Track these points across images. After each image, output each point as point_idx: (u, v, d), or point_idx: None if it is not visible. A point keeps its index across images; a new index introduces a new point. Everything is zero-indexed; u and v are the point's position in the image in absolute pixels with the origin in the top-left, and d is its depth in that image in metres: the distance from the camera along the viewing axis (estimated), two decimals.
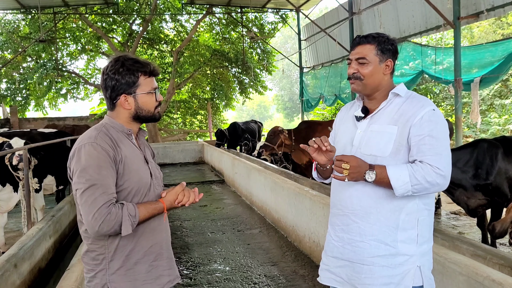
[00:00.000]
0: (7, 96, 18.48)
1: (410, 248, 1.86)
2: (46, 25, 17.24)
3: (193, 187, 7.17)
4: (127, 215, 1.66)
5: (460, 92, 8.50)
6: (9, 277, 3.37)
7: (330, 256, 2.04)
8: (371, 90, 1.98)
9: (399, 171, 1.79)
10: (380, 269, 1.87)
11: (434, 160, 1.78)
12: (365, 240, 1.89)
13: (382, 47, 1.94)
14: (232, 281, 4.18)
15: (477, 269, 2.37)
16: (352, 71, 1.97)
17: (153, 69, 1.87)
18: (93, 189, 1.64)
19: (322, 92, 16.05)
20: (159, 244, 1.87)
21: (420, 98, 1.93)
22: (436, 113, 1.86)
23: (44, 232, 4.49)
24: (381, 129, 1.91)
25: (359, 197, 1.91)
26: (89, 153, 1.69)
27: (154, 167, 1.93)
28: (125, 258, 1.77)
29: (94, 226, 1.63)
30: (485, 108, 16.26)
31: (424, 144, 1.80)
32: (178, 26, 20.08)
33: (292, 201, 5.28)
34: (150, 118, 1.89)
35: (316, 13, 30.61)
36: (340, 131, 2.15)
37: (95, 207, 1.62)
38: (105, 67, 1.83)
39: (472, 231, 5.85)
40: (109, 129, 1.81)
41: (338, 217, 2.01)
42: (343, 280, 1.98)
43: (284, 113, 48.01)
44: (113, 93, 1.81)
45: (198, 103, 22.07)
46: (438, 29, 9.93)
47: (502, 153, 4.54)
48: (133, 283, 1.78)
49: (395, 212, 1.86)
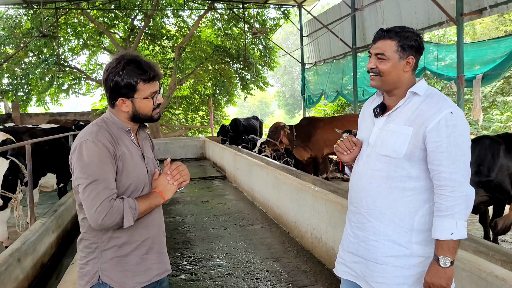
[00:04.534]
0: (9, 91, 18.50)
1: (426, 250, 1.83)
2: (48, 20, 17.23)
3: (195, 182, 7.18)
4: (128, 207, 1.72)
5: (463, 88, 8.49)
6: (12, 272, 3.38)
7: (346, 251, 2.04)
8: (390, 87, 1.92)
9: (444, 226, 1.73)
10: (394, 269, 1.85)
11: (448, 172, 1.73)
12: (379, 239, 1.88)
13: (404, 44, 1.86)
14: (235, 276, 4.20)
15: (480, 265, 2.37)
16: (371, 66, 1.91)
17: (154, 76, 1.85)
18: (95, 184, 1.69)
19: (323, 88, 16.04)
20: (151, 238, 1.91)
21: (439, 99, 1.84)
22: (454, 116, 1.77)
23: (47, 227, 4.51)
24: (397, 129, 1.86)
25: (374, 197, 1.89)
26: (90, 149, 1.72)
27: (151, 163, 1.96)
28: (117, 249, 1.82)
29: (97, 219, 1.67)
30: (487, 105, 16.23)
31: (441, 151, 1.75)
32: (180, 21, 20.05)
33: (294, 197, 5.29)
34: (148, 119, 1.92)
35: (318, 9, 30.53)
36: (361, 128, 2.10)
37: (98, 201, 1.67)
38: (108, 64, 1.84)
39: (474, 227, 5.85)
40: (109, 125, 1.85)
41: (354, 214, 2.00)
42: (357, 275, 1.98)
43: (286, 109, 47.98)
44: (112, 94, 1.84)
45: (199, 99, 22.06)
46: (441, 26, 9.91)
47: (504, 149, 4.54)
48: (123, 273, 1.82)
49: (410, 214, 1.84)
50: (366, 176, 1.93)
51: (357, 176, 1.98)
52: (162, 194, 1.87)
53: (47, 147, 6.31)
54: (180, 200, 7.85)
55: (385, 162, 1.86)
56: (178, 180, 1.90)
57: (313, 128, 8.51)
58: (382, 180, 1.88)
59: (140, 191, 1.86)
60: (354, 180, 2.01)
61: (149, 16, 18.25)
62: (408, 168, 1.82)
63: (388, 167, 1.85)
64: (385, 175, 1.87)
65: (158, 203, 1.87)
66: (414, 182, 1.84)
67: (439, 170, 1.75)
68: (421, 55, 1.93)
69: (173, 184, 1.90)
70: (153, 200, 1.84)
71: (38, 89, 18.73)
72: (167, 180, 1.89)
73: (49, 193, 7.51)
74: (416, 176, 1.84)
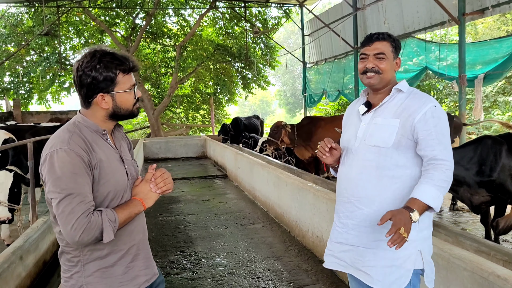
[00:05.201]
0: (10, 90, 18.52)
1: (412, 234, 1.92)
2: (50, 18, 17.23)
3: (196, 181, 7.17)
4: (107, 221, 1.61)
5: (464, 88, 8.48)
6: (15, 269, 3.39)
7: (335, 242, 2.16)
8: (385, 84, 2.10)
9: (428, 192, 1.87)
10: (383, 252, 1.98)
11: (443, 154, 1.93)
12: (369, 225, 2.02)
13: (395, 45, 2.10)
14: (236, 275, 4.20)
15: (481, 264, 2.37)
16: (371, 65, 2.06)
17: (132, 66, 1.77)
18: (70, 198, 1.57)
19: (325, 87, 16.03)
20: (136, 245, 1.84)
21: (422, 94, 2.06)
22: (438, 109, 2.00)
23: (49, 225, 4.51)
24: (384, 122, 2.03)
25: (364, 186, 2.03)
26: (62, 160, 1.59)
27: (130, 165, 1.86)
28: (101, 261, 1.73)
29: (74, 236, 1.56)
30: (489, 105, 16.21)
31: (432, 139, 1.93)
32: (182, 20, 20.03)
33: (296, 196, 5.29)
34: (128, 115, 1.82)
35: (319, 9, 30.50)
36: (346, 126, 2.26)
37: (74, 217, 1.55)
38: (80, 62, 1.70)
39: (475, 227, 5.86)
40: (82, 129, 1.72)
41: (343, 204, 2.13)
42: (347, 264, 2.10)
43: (286, 108, 47.96)
44: (89, 91, 1.70)
45: (200, 98, 22.08)
46: (442, 25, 9.90)
47: (506, 149, 4.53)
48: (109, 285, 1.74)
49: (397, 199, 1.98)
50: (357, 167, 2.07)
51: (347, 168, 2.12)
52: (142, 201, 1.77)
53: None
54: (182, 199, 7.86)
55: (374, 152, 2.01)
56: (161, 189, 1.80)
57: (314, 127, 8.51)
58: (372, 169, 2.02)
59: (120, 198, 1.76)
60: (343, 172, 2.15)
61: (150, 14, 18.25)
62: (396, 156, 1.98)
63: (378, 157, 2.00)
64: (375, 164, 2.02)
65: (139, 211, 1.77)
66: (401, 170, 2.00)
67: (434, 154, 1.93)
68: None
69: (155, 192, 1.80)
70: (133, 208, 1.74)
71: (39, 87, 18.75)
72: (150, 188, 1.80)
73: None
74: (403, 165, 2.00)
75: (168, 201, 7.47)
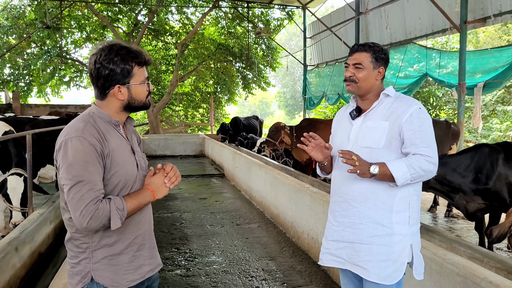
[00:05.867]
0: (10, 81, 18.51)
1: (404, 229, 2.09)
2: (52, 11, 17.22)
3: (193, 179, 7.19)
4: (115, 209, 1.66)
5: (464, 96, 8.52)
6: (10, 260, 3.40)
7: (331, 240, 2.26)
8: (364, 92, 2.23)
9: (398, 164, 2.02)
10: (378, 247, 2.09)
11: (426, 151, 2.04)
12: (364, 222, 2.12)
13: (376, 56, 2.20)
14: (230, 274, 4.22)
15: (474, 270, 2.40)
16: (349, 74, 2.22)
17: (146, 59, 1.85)
18: (80, 185, 1.63)
19: (325, 90, 16.06)
20: (142, 235, 1.89)
21: (408, 98, 2.20)
22: (422, 110, 2.13)
23: (45, 217, 4.52)
24: (375, 124, 2.16)
25: (359, 185, 2.14)
26: (75, 148, 1.66)
27: (140, 157, 1.92)
28: (109, 248, 1.78)
29: (82, 222, 1.62)
30: (487, 114, 16.26)
31: (416, 137, 2.06)
32: (184, 18, 20.06)
33: (292, 197, 5.31)
34: (142, 107, 1.89)
35: (322, 12, 30.54)
36: (338, 130, 2.40)
37: (83, 204, 1.62)
38: (97, 55, 1.77)
39: (469, 234, 5.89)
40: (96, 120, 1.78)
41: (338, 204, 2.24)
42: (344, 260, 2.19)
43: (286, 110, 48.00)
44: (106, 83, 1.77)
45: (200, 97, 22.10)
46: (444, 32, 9.93)
47: (503, 158, 4.56)
48: (115, 272, 1.79)
49: (390, 197, 2.10)
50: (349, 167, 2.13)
51: (341, 169, 2.22)
52: (154, 193, 1.82)
53: (49, 138, 6.33)
54: (178, 196, 7.87)
55: (367, 153, 2.11)
56: (174, 183, 1.87)
57: (313, 130, 8.50)
58: None
59: (130, 188, 1.81)
60: (337, 173, 2.28)
61: (153, 11, 18.26)
62: (387, 156, 2.09)
63: (370, 157, 2.09)
64: None
65: (148, 201, 1.82)
66: None
67: (417, 150, 2.05)
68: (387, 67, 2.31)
69: (168, 186, 1.86)
70: (142, 198, 1.79)
71: (39, 80, 18.74)
72: (164, 182, 1.85)
73: (47, 184, 7.52)
74: None
75: (165, 198, 7.45)
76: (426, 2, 9.55)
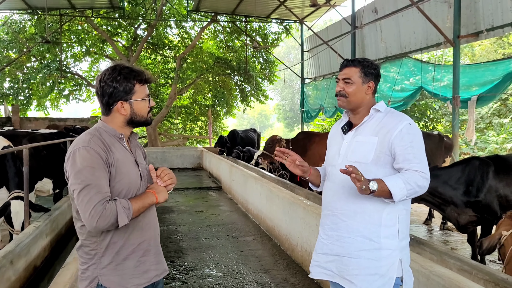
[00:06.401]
0: (9, 95, 18.60)
1: (393, 243, 2.10)
2: (52, 26, 17.39)
3: (190, 192, 7.24)
4: (121, 207, 1.78)
5: (458, 109, 8.60)
6: (4, 273, 3.44)
7: (320, 253, 2.28)
8: (354, 106, 2.26)
9: (395, 180, 2.02)
10: (366, 261, 2.10)
11: (419, 167, 2.06)
12: (352, 236, 2.13)
13: (366, 71, 2.23)
14: (224, 286, 4.25)
15: (460, 282, 2.45)
16: (339, 89, 2.26)
17: (147, 77, 2.00)
18: (88, 189, 1.76)
19: (322, 103, 16.15)
20: (147, 241, 2.00)
21: (398, 113, 2.22)
22: (413, 126, 2.15)
23: (41, 231, 4.56)
24: (364, 139, 2.18)
25: (347, 199, 2.17)
26: (83, 156, 1.81)
27: (144, 169, 2.06)
28: (115, 254, 1.90)
29: (91, 222, 1.75)
30: (484, 126, 16.35)
31: (408, 153, 2.07)
32: (183, 32, 20.23)
33: (287, 210, 5.36)
34: (143, 122, 2.03)
35: (321, 25, 30.83)
36: (331, 145, 2.43)
37: (91, 205, 1.74)
38: (102, 75, 1.94)
39: (463, 247, 5.92)
40: (102, 133, 1.94)
41: (328, 217, 2.26)
42: (333, 273, 2.21)
43: (285, 122, 48.13)
44: (110, 99, 1.93)
45: (199, 109, 22.17)
46: (438, 46, 10.06)
47: (493, 171, 4.62)
48: (121, 276, 1.91)
49: (378, 211, 2.11)
50: (339, 181, 2.18)
51: (331, 183, 2.26)
52: (155, 193, 1.94)
53: (46, 152, 6.38)
54: (175, 209, 7.90)
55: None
56: (166, 182, 2.00)
57: (309, 143, 8.59)
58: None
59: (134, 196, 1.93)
60: (328, 187, 2.31)
61: (152, 26, 18.44)
62: (376, 171, 2.10)
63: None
64: None
65: (152, 202, 1.93)
66: None
67: (410, 166, 2.06)
68: (379, 82, 2.29)
69: (162, 185, 1.99)
70: (146, 199, 1.91)
71: (38, 94, 18.84)
72: (158, 184, 1.99)
73: (44, 197, 7.56)
74: None
75: (161, 211, 7.51)
76: (420, 17, 9.68)
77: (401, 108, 12.03)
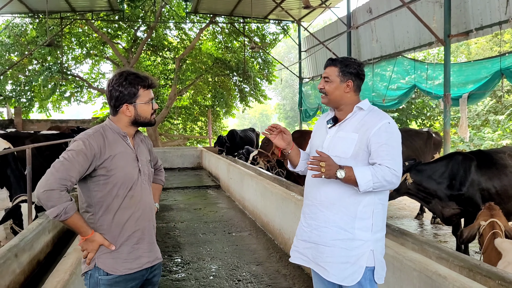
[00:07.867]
0: (12, 97, 18.86)
1: (366, 235, 2.21)
2: (53, 29, 17.64)
3: (190, 191, 7.49)
4: (63, 207, 1.95)
5: (449, 107, 8.78)
6: (10, 265, 3.65)
7: (300, 239, 2.42)
8: (334, 104, 2.39)
9: (363, 171, 2.13)
10: (339, 250, 2.22)
11: (391, 163, 2.16)
12: (328, 226, 2.26)
13: (344, 70, 2.33)
14: (218, 278, 4.46)
15: (428, 265, 2.66)
16: (320, 87, 2.40)
17: (151, 83, 2.22)
18: (64, 163, 1.98)
19: (320, 102, 16.35)
20: (141, 230, 2.22)
21: (379, 112, 2.33)
22: (391, 125, 2.25)
23: (44, 227, 4.77)
24: (345, 135, 2.30)
25: (326, 191, 2.29)
26: (77, 144, 2.05)
27: (144, 165, 2.27)
28: (111, 240, 2.15)
29: (39, 188, 1.94)
30: (480, 123, 16.53)
31: (382, 150, 2.18)
32: (182, 34, 20.45)
33: (279, 205, 5.56)
34: (147, 123, 2.25)
35: (320, 24, 31.04)
36: (315, 136, 2.54)
37: (52, 177, 1.94)
38: (111, 80, 2.18)
39: (452, 239, 6.11)
40: (106, 130, 2.17)
41: (308, 207, 2.39)
42: (308, 259, 2.35)
43: (286, 122, 48.28)
44: (117, 102, 2.17)
45: (199, 110, 22.39)
46: (430, 46, 10.25)
47: (475, 165, 4.82)
48: (115, 260, 2.15)
49: (354, 204, 2.23)
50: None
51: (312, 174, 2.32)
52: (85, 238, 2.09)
53: (48, 152, 6.61)
54: (174, 207, 8.11)
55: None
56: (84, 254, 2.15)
57: (304, 141, 8.78)
58: None
59: (129, 189, 2.15)
60: (309, 178, 2.41)
61: (151, 27, 18.68)
62: (354, 166, 2.18)
63: None
64: None
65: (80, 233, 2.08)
66: None
67: (383, 162, 2.16)
68: (363, 81, 2.39)
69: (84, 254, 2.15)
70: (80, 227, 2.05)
71: (40, 96, 19.08)
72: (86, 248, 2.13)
73: None
74: None
75: (160, 209, 7.72)
76: (412, 17, 9.87)
77: (396, 106, 12.23)
